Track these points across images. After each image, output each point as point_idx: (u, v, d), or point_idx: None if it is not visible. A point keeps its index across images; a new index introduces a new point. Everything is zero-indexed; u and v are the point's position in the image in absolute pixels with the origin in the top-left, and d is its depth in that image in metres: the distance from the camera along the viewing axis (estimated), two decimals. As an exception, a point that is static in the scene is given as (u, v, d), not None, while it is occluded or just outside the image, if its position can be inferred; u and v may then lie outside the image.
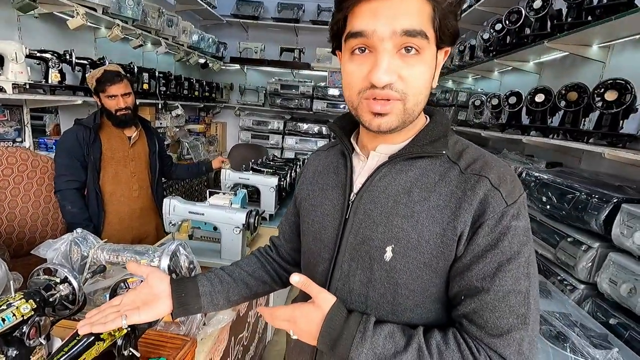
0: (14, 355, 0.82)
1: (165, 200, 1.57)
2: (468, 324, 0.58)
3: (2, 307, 0.80)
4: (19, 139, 2.23)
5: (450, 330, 0.59)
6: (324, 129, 4.58)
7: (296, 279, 0.61)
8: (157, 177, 2.13)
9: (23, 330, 0.82)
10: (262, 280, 0.87)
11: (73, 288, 0.92)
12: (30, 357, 0.85)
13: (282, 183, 2.37)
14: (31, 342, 0.83)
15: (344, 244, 0.67)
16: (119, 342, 0.80)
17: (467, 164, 0.61)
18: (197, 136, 4.38)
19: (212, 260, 1.56)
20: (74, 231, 1.17)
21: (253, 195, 2.37)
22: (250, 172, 2.36)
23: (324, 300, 0.61)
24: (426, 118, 0.69)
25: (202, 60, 3.98)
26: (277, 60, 4.54)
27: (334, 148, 0.80)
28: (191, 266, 1.16)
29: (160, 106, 3.36)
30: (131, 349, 0.82)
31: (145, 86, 3.03)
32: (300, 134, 4.64)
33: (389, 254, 0.61)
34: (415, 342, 0.57)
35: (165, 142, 3.20)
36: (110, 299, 0.79)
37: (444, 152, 0.62)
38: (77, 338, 0.71)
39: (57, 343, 0.95)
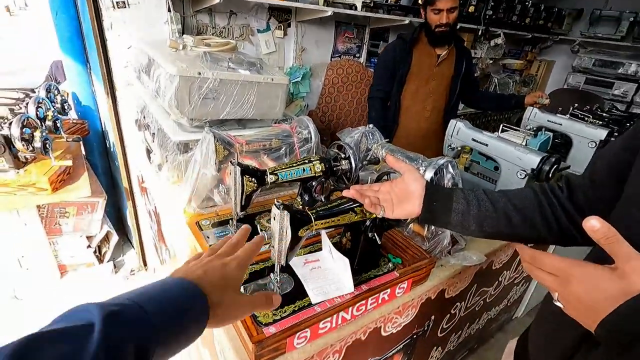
0: (305, 199, 1.07)
1: (452, 121, 1.49)
2: None
3: (305, 160, 1.02)
4: (357, 55, 2.73)
5: None
6: None
7: (595, 224, 0.38)
8: (453, 101, 2.04)
9: (313, 184, 1.03)
10: (531, 222, 0.65)
11: (351, 167, 1.05)
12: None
13: (610, 138, 1.69)
14: (316, 195, 1.04)
15: None
16: (368, 222, 0.85)
17: None
18: (510, 74, 3.84)
19: (481, 198, 1.38)
20: (368, 125, 1.33)
21: (561, 148, 1.85)
22: (567, 116, 1.82)
23: (637, 270, 0.36)
24: None
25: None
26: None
27: None
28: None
29: (480, 32, 3.10)
30: (375, 234, 0.86)
31: (472, 9, 2.84)
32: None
33: None
34: None
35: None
36: (375, 181, 0.84)
37: None
38: (339, 201, 0.81)
39: (332, 207, 1.17)
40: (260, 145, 1.15)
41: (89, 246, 1.96)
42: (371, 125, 1.33)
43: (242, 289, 0.80)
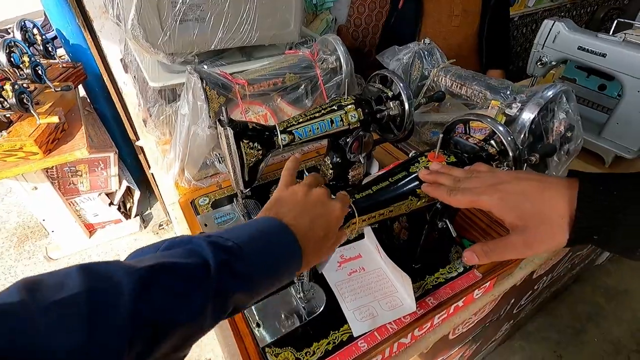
0: (337, 162, 0.76)
1: (546, 23, 1.01)
2: None
3: (334, 107, 0.68)
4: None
5: None
6: None
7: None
8: (492, 2, 1.29)
9: (347, 141, 0.71)
10: None
11: (403, 110, 0.70)
12: (349, 170, 0.77)
13: None
14: (351, 155, 0.72)
15: None
16: (439, 205, 0.54)
17: None
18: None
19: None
20: (423, 41, 0.92)
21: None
22: None
23: None
24: None
25: None
26: None
27: None
28: (568, 134, 0.68)
29: None
30: (447, 222, 0.55)
31: None
32: None
33: None
34: None
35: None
36: (441, 140, 0.50)
37: None
38: (399, 175, 0.50)
39: (376, 167, 0.85)
40: (269, 85, 0.81)
41: (111, 203, 1.84)
42: (427, 40, 0.92)
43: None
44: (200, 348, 1.52)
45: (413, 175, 0.50)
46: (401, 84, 0.70)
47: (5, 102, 1.16)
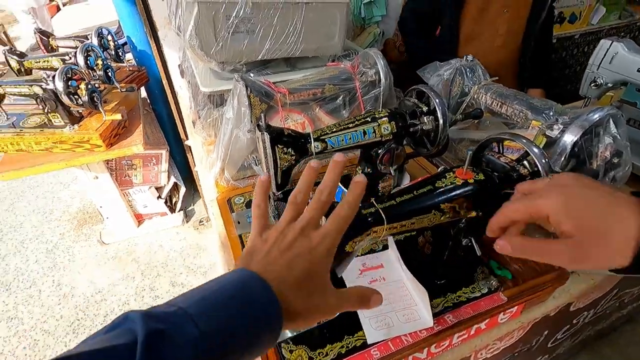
0: (367, 172, 0.78)
1: (603, 42, 0.96)
2: None
3: (368, 118, 0.70)
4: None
5: None
6: None
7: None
8: (543, 17, 1.25)
9: (379, 152, 0.72)
10: None
11: (437, 125, 0.70)
12: (379, 181, 0.79)
13: None
14: (382, 167, 0.74)
15: None
16: (462, 224, 0.54)
17: None
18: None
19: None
20: (465, 57, 0.91)
21: None
22: None
23: None
24: None
25: None
26: None
27: None
28: (614, 160, 0.64)
29: None
30: (472, 240, 0.55)
31: None
32: None
33: None
34: None
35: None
36: (472, 157, 0.50)
37: None
38: (424, 188, 0.51)
39: (407, 180, 0.85)
40: (308, 94, 0.85)
41: (159, 197, 1.98)
42: (470, 57, 0.91)
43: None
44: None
45: (439, 190, 0.51)
46: (437, 100, 0.70)
47: (80, 100, 1.31)
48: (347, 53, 1.06)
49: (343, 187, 0.76)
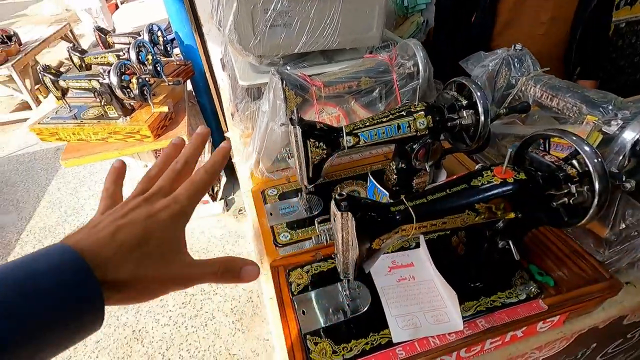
0: (401, 167, 0.76)
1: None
2: None
3: (403, 112, 0.68)
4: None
5: None
6: None
7: None
8: (592, 3, 1.08)
9: (414, 147, 0.70)
10: None
11: (477, 120, 0.66)
12: (414, 177, 0.76)
13: None
14: (417, 163, 0.71)
15: None
16: (500, 224, 0.51)
17: None
18: None
19: None
20: (513, 47, 0.85)
21: None
22: None
23: None
24: None
25: None
26: None
27: None
28: (684, 161, 0.57)
29: None
30: (510, 243, 0.52)
31: None
32: None
33: None
34: None
35: None
36: (514, 154, 0.47)
37: None
38: (458, 187, 0.48)
39: (443, 177, 0.82)
40: (344, 87, 0.84)
41: (202, 185, 2.08)
42: (519, 46, 0.85)
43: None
44: (227, 343, 1.63)
45: (474, 189, 0.48)
46: (478, 93, 0.66)
47: (131, 93, 1.40)
48: (386, 44, 1.03)
49: (376, 183, 0.75)
